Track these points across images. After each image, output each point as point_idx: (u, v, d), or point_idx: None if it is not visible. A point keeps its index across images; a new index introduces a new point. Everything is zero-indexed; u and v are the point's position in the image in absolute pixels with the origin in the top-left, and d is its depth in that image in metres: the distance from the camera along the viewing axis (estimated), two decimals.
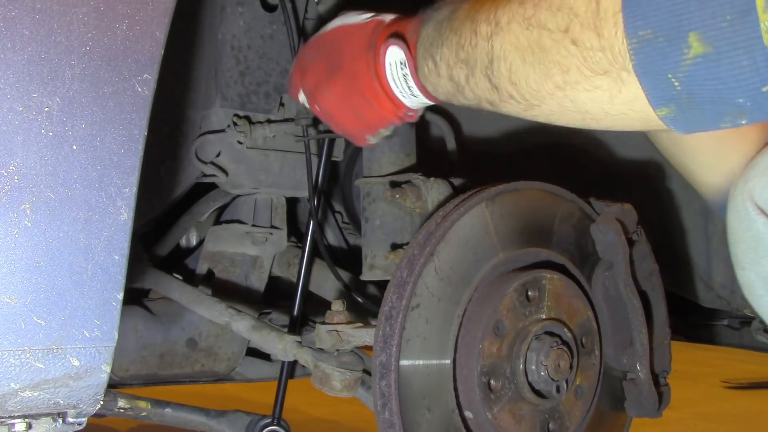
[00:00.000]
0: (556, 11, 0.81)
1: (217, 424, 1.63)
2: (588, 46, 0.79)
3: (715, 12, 0.70)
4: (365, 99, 1.11)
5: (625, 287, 1.31)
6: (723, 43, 0.71)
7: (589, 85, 0.82)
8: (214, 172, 1.52)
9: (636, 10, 0.75)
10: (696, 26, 0.71)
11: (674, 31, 0.73)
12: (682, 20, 0.72)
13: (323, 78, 1.15)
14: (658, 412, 1.35)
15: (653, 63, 0.76)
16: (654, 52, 0.75)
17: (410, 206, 1.36)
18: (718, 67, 0.73)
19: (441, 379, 1.15)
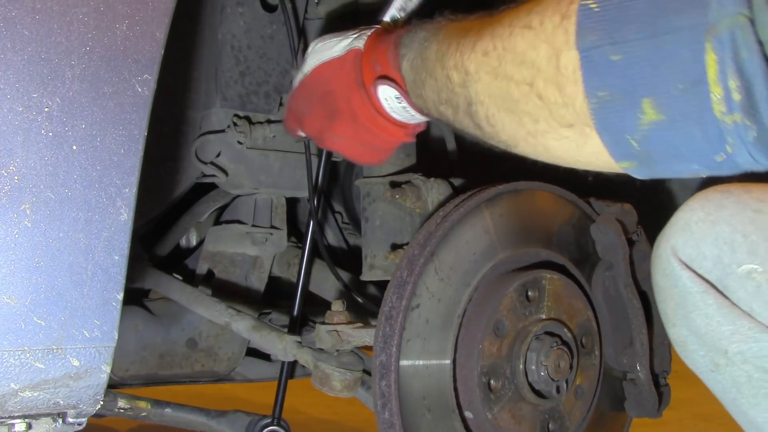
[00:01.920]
0: (519, 64, 0.83)
1: (217, 424, 1.63)
2: (552, 100, 0.81)
3: (667, 80, 0.71)
4: (373, 133, 1.12)
5: (625, 287, 1.31)
6: (675, 112, 0.71)
7: (557, 135, 0.84)
8: (214, 172, 1.52)
9: (594, 70, 0.76)
10: (649, 93, 0.72)
11: (629, 96, 0.74)
12: (636, 86, 0.73)
13: (325, 124, 1.15)
14: (658, 412, 1.35)
15: (612, 123, 0.78)
16: (612, 113, 0.77)
17: (410, 206, 1.36)
18: (672, 135, 0.74)
19: (441, 379, 1.15)
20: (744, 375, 0.95)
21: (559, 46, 0.78)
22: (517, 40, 0.83)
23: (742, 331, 0.93)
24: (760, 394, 0.95)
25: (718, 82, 0.66)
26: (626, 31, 0.73)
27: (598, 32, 0.74)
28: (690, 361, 1.02)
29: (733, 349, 0.94)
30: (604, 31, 0.74)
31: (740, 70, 0.65)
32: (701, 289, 0.94)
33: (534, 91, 0.82)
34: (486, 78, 0.88)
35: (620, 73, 0.74)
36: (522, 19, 0.83)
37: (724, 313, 0.94)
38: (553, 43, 0.79)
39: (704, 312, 0.95)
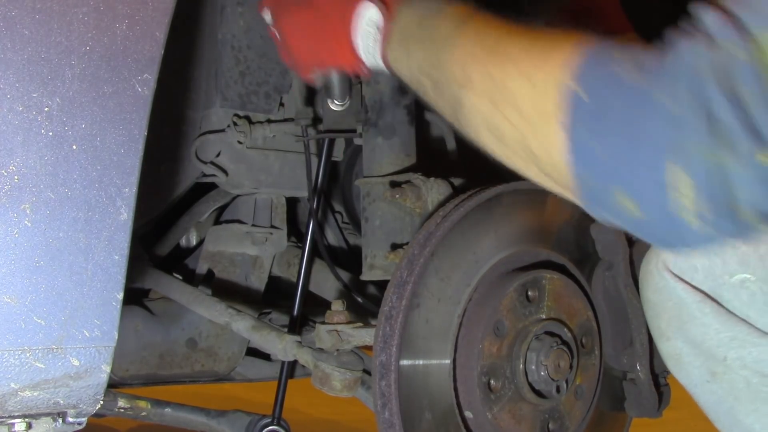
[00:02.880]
0: (517, 111, 0.87)
1: (217, 424, 1.63)
2: (543, 161, 0.87)
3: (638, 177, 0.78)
4: (327, 38, 1.10)
5: (625, 287, 1.31)
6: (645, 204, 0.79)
7: (540, 178, 0.91)
8: (214, 172, 1.51)
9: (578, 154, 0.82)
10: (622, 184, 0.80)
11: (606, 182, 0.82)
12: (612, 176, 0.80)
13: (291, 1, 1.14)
14: (658, 412, 1.35)
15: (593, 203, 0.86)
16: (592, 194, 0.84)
17: (410, 206, 1.35)
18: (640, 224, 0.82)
19: (441, 379, 1.15)
20: (743, 380, 0.98)
21: (550, 118, 0.83)
22: (518, 86, 0.87)
23: (741, 336, 0.97)
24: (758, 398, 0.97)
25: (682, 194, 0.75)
26: (607, 131, 0.80)
27: (584, 126, 0.81)
28: (684, 374, 1.06)
29: (732, 355, 0.98)
30: (589, 126, 0.81)
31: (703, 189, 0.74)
32: (697, 299, 0.99)
33: (526, 143, 0.87)
34: (485, 100, 0.91)
35: (600, 161, 0.81)
36: (527, 69, 0.87)
37: (722, 320, 0.98)
38: (544, 110, 0.84)
39: (701, 321, 1.00)
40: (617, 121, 0.79)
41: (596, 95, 0.81)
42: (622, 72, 0.79)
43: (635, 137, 0.77)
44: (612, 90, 0.80)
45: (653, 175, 0.76)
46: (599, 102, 0.80)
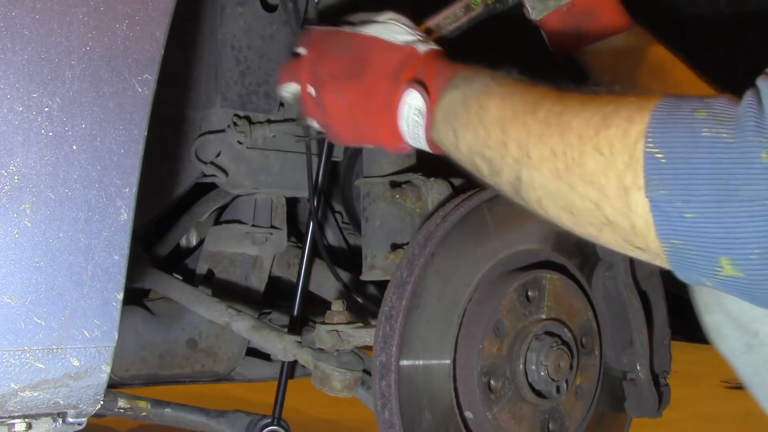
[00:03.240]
0: (587, 183, 0.84)
1: (217, 424, 1.63)
2: (621, 227, 0.83)
3: (744, 243, 0.75)
4: (371, 121, 1.11)
5: (625, 287, 1.31)
6: (754, 272, 0.75)
7: (623, 248, 0.87)
8: (214, 172, 1.51)
9: (666, 221, 0.79)
10: (727, 252, 0.76)
11: (706, 251, 0.77)
12: (712, 243, 0.76)
13: (341, 76, 1.13)
14: (658, 412, 1.35)
15: (687, 267, 0.81)
16: (687, 260, 0.80)
17: (410, 206, 1.35)
18: (751, 290, 0.78)
19: (441, 379, 1.15)
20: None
21: (629, 186, 0.80)
22: (587, 159, 0.84)
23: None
24: None
25: None
26: (697, 192, 0.76)
27: (667, 187, 0.77)
28: (724, 345, 1.07)
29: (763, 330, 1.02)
30: (674, 187, 0.77)
31: None
32: None
33: (600, 211, 0.84)
34: (548, 174, 0.88)
35: (695, 229, 0.77)
36: (592, 138, 0.84)
37: None
38: (623, 180, 0.81)
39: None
40: (707, 182, 0.75)
41: (673, 153, 0.77)
42: (700, 125, 0.76)
43: (735, 200, 0.74)
44: (690, 144, 0.76)
45: (762, 241, 0.73)
46: (678, 159, 0.77)
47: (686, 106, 0.78)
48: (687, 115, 0.78)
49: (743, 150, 0.73)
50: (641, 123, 0.80)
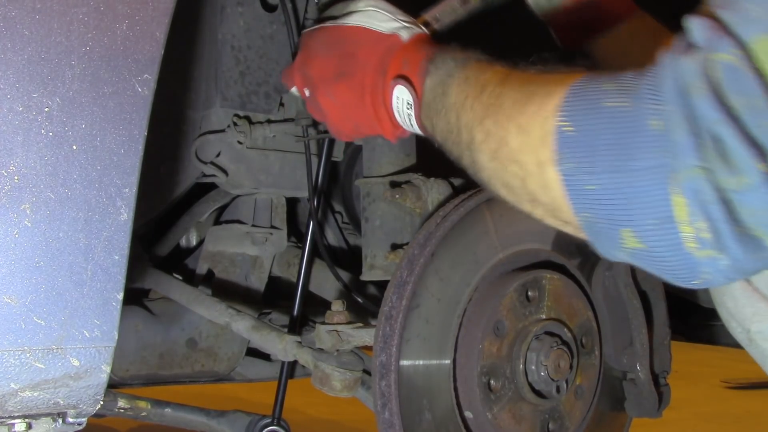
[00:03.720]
0: (513, 161, 0.86)
1: (217, 424, 1.63)
2: (544, 201, 0.85)
3: (641, 214, 0.74)
4: (368, 117, 1.12)
5: (625, 287, 1.31)
6: (653, 242, 0.75)
7: (554, 222, 0.88)
8: (214, 172, 1.51)
9: (576, 194, 0.80)
10: (627, 224, 0.75)
11: (610, 223, 0.78)
12: (614, 216, 0.76)
13: (330, 77, 1.14)
14: (658, 412, 1.35)
15: (600, 240, 0.82)
16: (598, 233, 0.81)
17: (410, 206, 1.35)
18: (652, 261, 0.77)
19: (441, 379, 1.15)
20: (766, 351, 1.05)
21: (544, 160, 0.81)
22: (512, 138, 0.86)
23: (761, 312, 1.03)
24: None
25: (688, 224, 0.70)
26: (597, 164, 0.76)
27: (574, 159, 0.78)
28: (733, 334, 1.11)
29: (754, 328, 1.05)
30: (578, 160, 0.78)
31: (706, 214, 0.69)
32: None
33: (526, 188, 0.86)
34: (487, 155, 0.90)
35: (598, 201, 0.77)
36: (515, 117, 0.86)
37: (747, 296, 1.03)
38: (539, 155, 0.82)
39: (732, 295, 1.05)
40: (607, 153, 0.75)
41: (580, 124, 0.78)
42: (605, 96, 0.76)
43: (629, 170, 0.73)
44: (594, 116, 0.77)
45: (656, 211, 0.73)
46: (584, 131, 0.77)
47: (598, 79, 0.79)
48: (595, 88, 0.78)
49: (637, 117, 0.73)
50: (557, 98, 0.81)
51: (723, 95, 0.67)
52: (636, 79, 0.75)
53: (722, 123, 0.67)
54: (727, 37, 0.68)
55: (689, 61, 0.70)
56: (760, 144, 0.66)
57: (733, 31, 0.68)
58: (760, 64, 0.66)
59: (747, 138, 0.66)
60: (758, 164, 0.66)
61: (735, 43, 0.67)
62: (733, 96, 0.67)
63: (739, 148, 0.66)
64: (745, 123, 0.66)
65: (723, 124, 0.67)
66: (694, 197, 0.69)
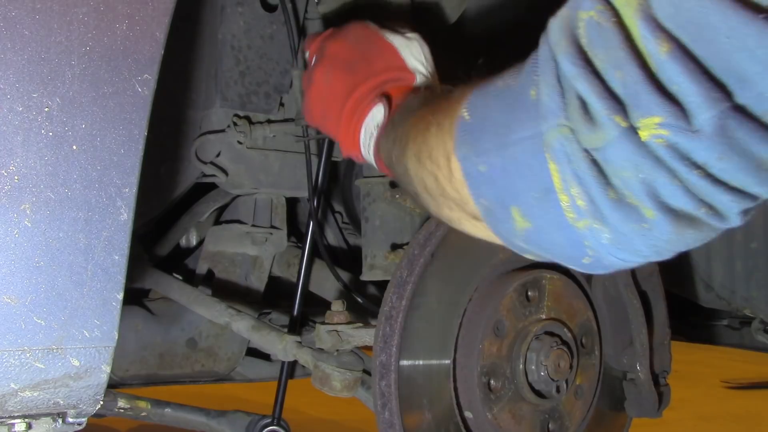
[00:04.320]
0: (428, 158, 0.86)
1: (217, 424, 1.63)
2: (453, 197, 0.83)
3: (524, 189, 0.71)
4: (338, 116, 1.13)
5: (625, 287, 1.31)
6: (538, 219, 0.72)
7: (470, 223, 0.86)
8: (214, 172, 1.51)
9: (472, 180, 0.78)
10: (514, 201, 0.73)
11: (501, 204, 0.76)
12: (503, 195, 0.75)
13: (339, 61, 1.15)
14: (658, 412, 1.35)
15: (498, 228, 0.80)
16: (495, 219, 0.79)
17: (410, 206, 1.36)
18: (542, 240, 0.75)
19: (441, 379, 1.15)
20: None
21: (449, 151, 0.81)
22: (430, 135, 0.86)
23: None
24: None
25: (563, 191, 0.67)
26: (485, 143, 0.75)
27: (467, 144, 0.77)
28: None
29: None
30: (470, 143, 0.77)
31: (577, 177, 0.65)
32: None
33: (439, 185, 0.85)
34: (413, 160, 0.90)
35: (489, 182, 0.76)
36: (435, 115, 0.86)
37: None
38: (445, 146, 0.81)
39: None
40: (493, 131, 0.74)
41: (475, 111, 0.77)
42: (500, 80, 0.75)
43: (510, 143, 0.71)
44: (487, 100, 0.76)
45: (537, 181, 0.70)
46: (478, 116, 0.77)
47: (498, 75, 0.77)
48: (494, 79, 0.77)
49: (519, 90, 0.71)
50: (470, 93, 0.80)
51: (585, 51, 0.64)
52: (528, 59, 0.73)
53: (581, 78, 0.63)
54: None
55: (555, 22, 0.67)
56: (618, 96, 0.62)
57: None
58: (619, 17, 0.62)
59: (606, 91, 0.62)
60: (615, 117, 0.61)
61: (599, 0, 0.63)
62: (595, 51, 0.63)
63: (597, 102, 0.62)
64: (605, 77, 0.62)
65: (582, 79, 0.63)
66: (563, 159, 0.66)
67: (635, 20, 0.60)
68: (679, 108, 0.59)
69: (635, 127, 0.61)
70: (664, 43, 0.58)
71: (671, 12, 0.58)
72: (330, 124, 1.16)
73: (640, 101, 0.60)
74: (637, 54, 0.60)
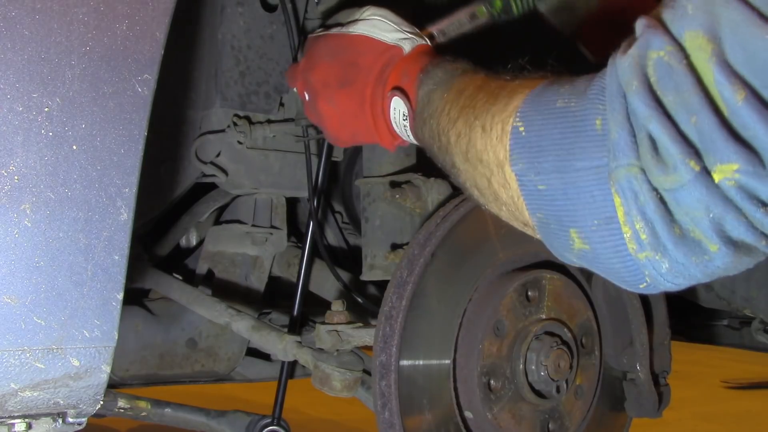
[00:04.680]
0: (479, 161, 0.86)
1: (217, 424, 1.63)
2: (506, 201, 0.85)
3: (585, 214, 0.73)
4: (367, 125, 1.13)
5: None
6: (597, 244, 0.74)
7: (518, 225, 0.88)
8: (214, 172, 1.51)
9: (529, 194, 0.80)
10: (573, 224, 0.75)
11: (559, 224, 0.77)
12: (561, 215, 0.76)
13: (332, 84, 1.15)
14: (658, 412, 1.35)
15: (552, 241, 0.81)
16: (550, 234, 0.80)
17: (410, 206, 1.35)
18: (598, 264, 0.76)
19: (441, 379, 1.15)
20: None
21: (502, 160, 0.81)
22: (477, 137, 0.86)
23: None
24: None
25: (626, 223, 0.69)
26: (544, 163, 0.76)
27: (524, 160, 0.78)
28: None
29: None
30: (528, 160, 0.78)
31: (642, 214, 0.68)
32: None
33: (491, 187, 0.86)
34: (460, 156, 0.91)
35: (548, 201, 0.77)
36: (480, 116, 0.86)
37: None
38: (498, 155, 0.82)
39: None
40: (553, 152, 0.75)
41: (531, 125, 0.77)
42: (558, 97, 0.76)
43: (573, 170, 0.73)
44: (545, 116, 0.76)
45: (599, 211, 0.71)
46: (535, 132, 0.77)
47: (559, 81, 0.78)
48: (553, 90, 0.77)
49: (582, 116, 0.72)
50: (518, 100, 0.81)
51: (656, 92, 0.66)
52: (588, 81, 0.74)
53: (654, 120, 0.65)
54: (662, 34, 0.66)
55: (626, 60, 0.69)
56: (691, 141, 0.64)
57: (668, 27, 0.66)
58: (691, 60, 0.64)
59: (679, 135, 0.64)
60: (690, 161, 0.63)
61: (668, 40, 0.65)
62: (665, 93, 0.65)
63: (671, 146, 0.64)
64: (677, 120, 0.64)
65: (655, 121, 0.65)
66: (630, 196, 0.68)
67: (710, 65, 0.62)
68: (754, 154, 0.61)
69: (708, 170, 0.63)
70: (740, 90, 0.60)
71: (744, 58, 0.60)
72: (365, 137, 1.16)
73: (716, 147, 0.62)
74: (709, 99, 0.62)
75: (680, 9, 0.65)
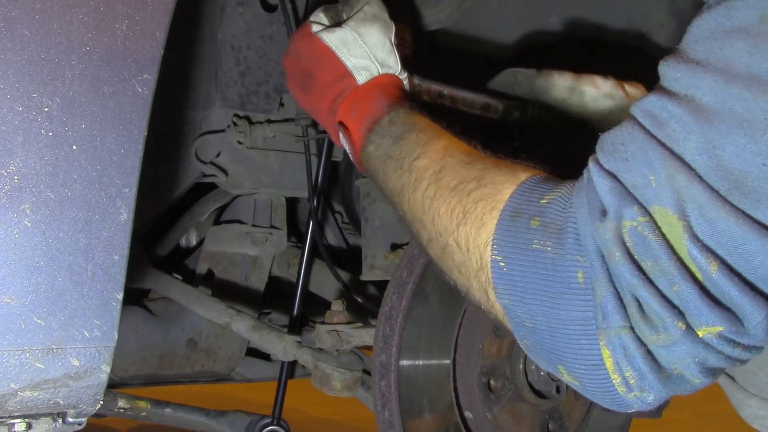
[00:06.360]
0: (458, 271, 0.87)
1: (217, 424, 1.63)
2: (494, 314, 0.86)
3: (573, 358, 0.77)
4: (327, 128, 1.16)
5: None
6: (586, 383, 0.78)
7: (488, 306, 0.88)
8: (214, 172, 1.52)
9: (515, 324, 0.82)
10: (562, 362, 0.79)
11: (546, 357, 0.81)
12: (551, 353, 0.79)
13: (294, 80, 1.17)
14: (658, 412, 1.35)
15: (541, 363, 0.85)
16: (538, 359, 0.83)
17: None
18: (587, 395, 0.80)
19: (441, 379, 1.15)
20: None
21: (486, 286, 0.83)
22: (452, 251, 0.87)
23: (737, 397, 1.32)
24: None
25: (614, 372, 0.74)
26: (531, 305, 0.79)
27: (510, 297, 0.80)
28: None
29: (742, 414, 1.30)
30: (513, 297, 0.80)
31: (632, 364, 0.73)
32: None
33: (474, 296, 0.87)
34: (435, 254, 0.92)
35: (534, 337, 0.81)
36: (453, 231, 0.86)
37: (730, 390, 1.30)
38: (480, 279, 0.84)
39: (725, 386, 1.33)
40: (537, 298, 0.78)
41: (511, 263, 0.80)
42: (533, 237, 0.78)
43: (559, 319, 0.77)
44: (523, 256, 0.79)
45: (587, 358, 0.76)
46: (517, 271, 0.80)
47: (526, 212, 0.80)
48: (524, 224, 0.80)
49: (563, 267, 0.76)
50: (490, 224, 0.82)
51: (636, 260, 0.71)
52: (562, 216, 0.77)
53: (641, 287, 0.71)
54: (631, 203, 0.72)
55: (604, 230, 0.73)
56: (675, 305, 0.70)
57: (637, 197, 0.72)
58: (662, 232, 0.70)
59: (664, 299, 0.70)
60: (677, 323, 0.70)
61: (639, 210, 0.71)
62: (643, 259, 0.71)
63: (660, 310, 0.70)
64: (658, 285, 0.71)
65: (641, 287, 0.71)
66: (620, 351, 0.73)
67: (683, 241, 0.69)
68: (734, 316, 0.69)
69: (693, 328, 0.70)
70: (713, 261, 0.68)
71: (711, 233, 0.68)
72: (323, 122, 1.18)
73: (701, 312, 0.69)
74: (686, 269, 0.69)
75: (640, 176, 0.71)
